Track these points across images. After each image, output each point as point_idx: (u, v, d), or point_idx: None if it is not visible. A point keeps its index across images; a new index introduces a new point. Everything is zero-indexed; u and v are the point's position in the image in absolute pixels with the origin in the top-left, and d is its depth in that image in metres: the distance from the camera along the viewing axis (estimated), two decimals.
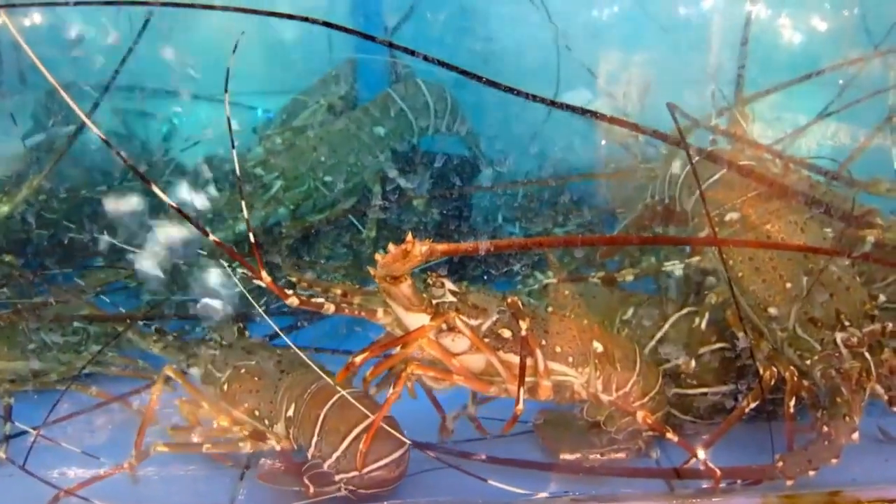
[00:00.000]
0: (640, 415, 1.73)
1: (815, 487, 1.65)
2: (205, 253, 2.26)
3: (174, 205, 1.39)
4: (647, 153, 2.50)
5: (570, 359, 1.69)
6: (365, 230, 2.89)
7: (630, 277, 2.09)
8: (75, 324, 2.26)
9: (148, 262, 2.05)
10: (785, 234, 1.90)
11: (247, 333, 2.04)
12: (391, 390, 1.56)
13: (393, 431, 1.67)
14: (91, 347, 2.26)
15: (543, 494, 1.69)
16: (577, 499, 1.71)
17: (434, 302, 1.62)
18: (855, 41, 2.78)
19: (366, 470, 1.63)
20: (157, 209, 2.28)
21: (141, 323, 2.20)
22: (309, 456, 1.71)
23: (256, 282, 1.49)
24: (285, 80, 3.31)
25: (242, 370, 1.86)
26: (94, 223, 2.83)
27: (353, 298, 1.67)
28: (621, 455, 1.86)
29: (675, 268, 2.03)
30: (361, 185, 2.96)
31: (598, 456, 1.85)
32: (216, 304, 1.99)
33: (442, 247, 1.40)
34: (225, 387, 1.85)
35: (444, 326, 1.61)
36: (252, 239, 1.53)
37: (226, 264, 2.05)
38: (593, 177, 2.92)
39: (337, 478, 1.66)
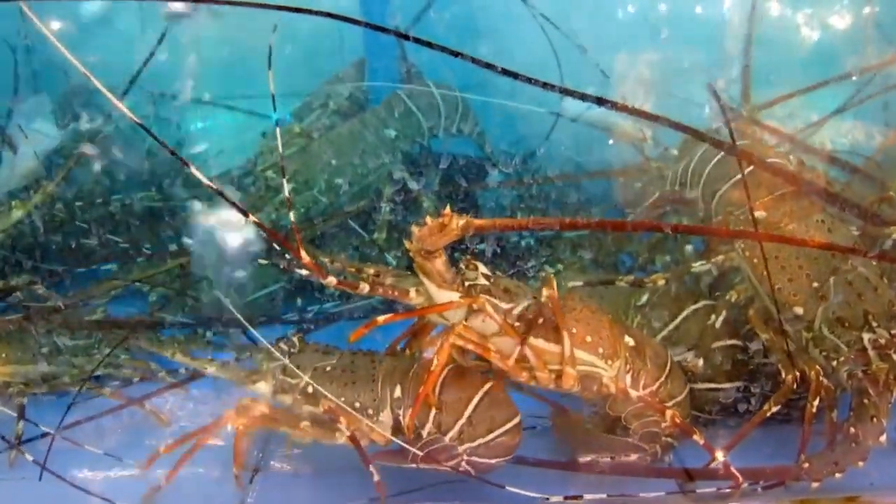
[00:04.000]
0: (669, 413, 1.70)
1: (831, 492, 1.63)
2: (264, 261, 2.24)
3: (214, 187, 1.38)
4: (658, 152, 2.49)
5: (601, 349, 1.67)
6: (376, 232, 2.89)
7: (661, 282, 2.06)
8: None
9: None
10: (812, 234, 1.87)
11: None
12: (436, 361, 1.55)
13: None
14: (103, 350, 2.27)
15: (558, 498, 1.68)
16: (591, 502, 1.70)
17: (466, 284, 1.62)
18: (869, 37, 2.76)
19: (491, 436, 1.63)
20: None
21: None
22: (424, 433, 1.69)
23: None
24: (296, 83, 3.33)
25: (328, 368, 1.81)
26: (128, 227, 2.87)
27: (386, 279, 1.67)
28: (634, 457, 1.84)
29: (703, 268, 2.00)
30: (372, 186, 2.96)
31: (611, 459, 1.84)
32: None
33: (479, 221, 1.39)
34: (309, 389, 1.79)
35: (474, 307, 1.60)
36: (291, 217, 1.58)
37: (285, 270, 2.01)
38: (603, 174, 2.91)
39: (461, 448, 1.65)
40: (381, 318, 1.51)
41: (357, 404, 1.75)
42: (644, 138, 2.51)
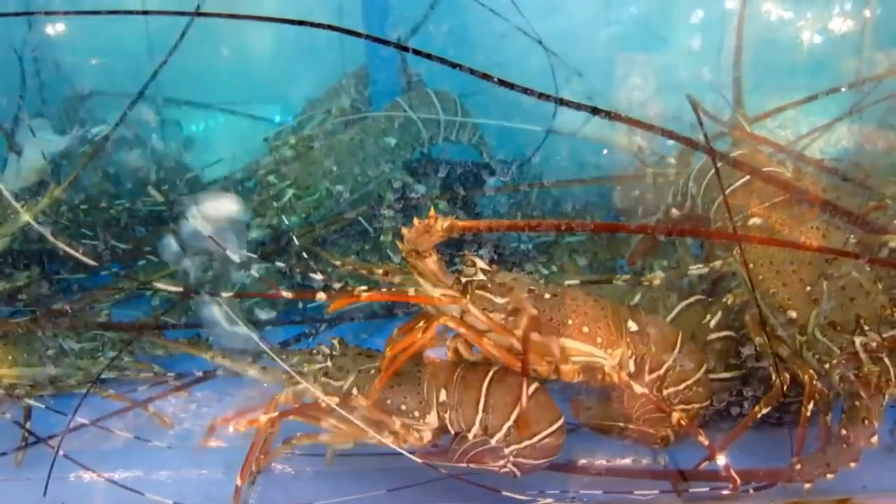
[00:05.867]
0: (675, 416, 1.70)
1: (823, 495, 1.66)
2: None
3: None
4: (657, 160, 2.51)
5: (599, 339, 1.68)
6: (381, 236, 2.92)
7: (657, 281, 2.08)
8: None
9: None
10: (807, 239, 1.89)
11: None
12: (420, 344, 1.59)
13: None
14: (108, 353, 2.30)
15: (554, 500, 1.70)
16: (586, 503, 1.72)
17: (463, 280, 1.65)
18: (864, 43, 2.78)
19: (537, 438, 1.64)
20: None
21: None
22: (471, 436, 1.69)
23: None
24: (299, 90, 3.38)
25: (371, 371, 1.80)
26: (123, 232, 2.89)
27: (394, 278, 1.72)
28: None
29: (701, 270, 2.02)
30: (372, 193, 2.99)
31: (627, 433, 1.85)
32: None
33: (463, 223, 1.45)
34: (354, 390, 1.78)
35: (469, 307, 1.63)
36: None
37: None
38: (601, 181, 2.93)
39: (507, 450, 1.66)
40: (364, 295, 1.59)
41: (403, 407, 1.74)
42: (641, 149, 2.54)
